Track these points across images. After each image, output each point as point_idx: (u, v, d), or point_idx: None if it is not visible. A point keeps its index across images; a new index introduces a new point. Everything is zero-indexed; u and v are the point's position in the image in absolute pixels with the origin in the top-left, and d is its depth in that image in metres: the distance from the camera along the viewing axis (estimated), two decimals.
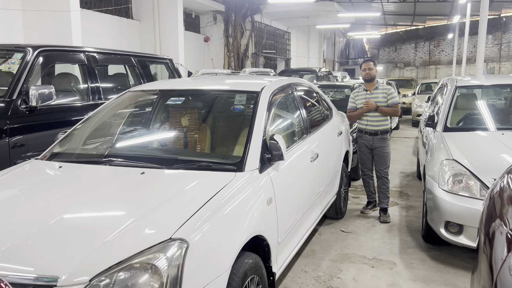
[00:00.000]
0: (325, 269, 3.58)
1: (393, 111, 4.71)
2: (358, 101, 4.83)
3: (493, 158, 3.69)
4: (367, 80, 4.79)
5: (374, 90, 4.76)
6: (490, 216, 1.87)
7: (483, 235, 1.86)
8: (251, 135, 2.70)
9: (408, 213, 5.03)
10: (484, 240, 1.80)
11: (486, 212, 1.96)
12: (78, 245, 1.80)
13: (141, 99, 3.63)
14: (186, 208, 2.00)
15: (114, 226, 1.88)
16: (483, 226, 1.92)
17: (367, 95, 4.77)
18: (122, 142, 3.15)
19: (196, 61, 13.75)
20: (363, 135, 4.85)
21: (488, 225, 1.82)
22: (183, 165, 2.53)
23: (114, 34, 10.03)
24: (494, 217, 1.80)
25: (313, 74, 12.52)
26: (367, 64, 4.77)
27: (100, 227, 1.91)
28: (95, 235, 1.84)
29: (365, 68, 4.76)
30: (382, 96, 4.73)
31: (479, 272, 1.79)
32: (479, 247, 1.91)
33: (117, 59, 5.33)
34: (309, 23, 20.50)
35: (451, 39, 26.07)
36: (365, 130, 4.80)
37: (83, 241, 1.81)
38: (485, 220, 1.91)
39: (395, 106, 4.72)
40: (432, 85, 16.35)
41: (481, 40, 8.19)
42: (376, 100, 4.71)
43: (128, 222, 1.90)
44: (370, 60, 4.86)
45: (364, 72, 4.77)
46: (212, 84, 3.70)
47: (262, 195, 2.47)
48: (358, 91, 4.91)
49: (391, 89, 4.80)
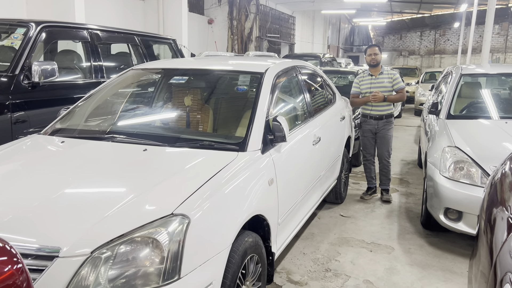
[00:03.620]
0: (324, 252, 3.61)
1: (400, 97, 4.72)
2: (362, 86, 4.83)
3: (495, 146, 3.68)
4: (372, 66, 4.78)
5: (379, 75, 4.76)
6: (491, 203, 1.87)
7: (483, 222, 1.86)
8: (254, 116, 2.69)
9: (408, 199, 5.05)
10: (485, 226, 1.80)
11: (487, 198, 1.95)
12: (80, 218, 1.81)
13: (144, 78, 3.61)
14: (188, 185, 2.00)
15: (116, 201, 1.88)
16: (483, 213, 1.91)
17: (372, 80, 4.77)
18: (125, 119, 3.14)
19: (199, 43, 13.65)
20: (367, 120, 4.87)
21: (489, 211, 1.82)
22: (186, 143, 2.53)
23: (117, 13, 9.94)
24: (496, 203, 1.80)
25: (317, 59, 12.43)
26: (372, 49, 4.78)
27: (102, 202, 1.92)
28: (97, 208, 1.85)
29: (370, 53, 4.76)
30: (387, 81, 4.72)
31: (478, 258, 1.80)
32: (479, 233, 1.91)
33: (120, 38, 5.29)
34: (315, 7, 20.26)
35: (457, 28, 25.80)
36: (370, 115, 4.82)
37: (85, 214, 1.82)
38: (486, 207, 1.90)
39: (401, 91, 4.72)
40: (436, 74, 16.23)
41: (488, 29, 8.10)
42: (381, 85, 4.71)
43: (130, 197, 1.90)
44: (375, 46, 4.87)
45: (369, 57, 4.76)
46: (216, 64, 3.68)
47: (263, 176, 2.48)
48: (362, 76, 4.89)
49: (396, 74, 4.79)
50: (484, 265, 1.62)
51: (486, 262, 1.57)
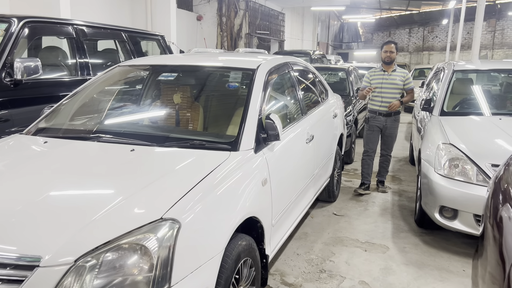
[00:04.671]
0: (318, 252, 3.54)
1: (411, 97, 4.83)
2: (373, 81, 4.86)
3: (490, 143, 3.64)
4: (386, 62, 4.80)
5: (393, 72, 4.80)
6: (497, 202, 1.81)
7: (489, 221, 1.81)
8: (246, 114, 2.59)
9: (401, 197, 5.01)
10: (492, 226, 1.75)
11: (492, 197, 1.91)
12: (64, 223, 1.70)
13: (131, 75, 3.49)
14: (178, 187, 1.90)
15: (102, 205, 1.78)
16: (489, 212, 1.86)
17: (384, 76, 4.81)
18: (111, 118, 3.02)
19: (188, 40, 13.49)
20: (376, 116, 4.89)
21: (495, 211, 1.77)
22: (176, 143, 2.42)
23: (104, 9, 9.75)
24: (502, 202, 1.75)
25: (307, 56, 12.36)
26: (389, 46, 4.79)
27: (87, 205, 1.80)
28: (81, 213, 1.74)
29: (386, 50, 4.78)
30: (399, 79, 4.78)
31: (484, 258, 1.75)
32: (484, 233, 1.86)
33: (107, 34, 5.14)
34: (304, 4, 20.20)
35: (445, 25, 25.95)
36: (379, 111, 4.84)
37: (69, 220, 1.71)
38: (492, 206, 1.86)
39: (411, 92, 4.84)
40: (425, 70, 16.29)
41: (478, 25, 8.09)
42: (393, 82, 4.77)
43: (117, 200, 1.80)
44: (392, 43, 4.87)
45: (385, 53, 4.78)
46: (206, 60, 3.57)
47: (256, 176, 2.39)
48: (374, 71, 4.93)
49: (408, 74, 4.85)
50: (492, 265, 1.57)
51: (495, 263, 1.52)
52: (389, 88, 4.80)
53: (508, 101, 4.60)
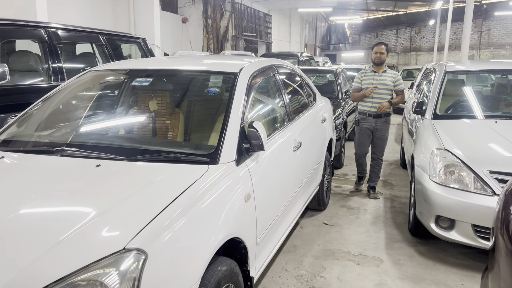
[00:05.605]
0: (308, 267, 3.32)
1: (401, 99, 4.83)
2: (364, 82, 4.85)
3: (487, 148, 3.45)
4: (376, 64, 4.83)
5: (383, 73, 4.83)
6: (509, 214, 1.72)
7: (501, 235, 1.71)
8: (227, 122, 2.37)
9: (393, 203, 4.82)
10: (504, 239, 1.66)
11: (503, 210, 1.80)
12: (8, 258, 1.45)
13: (105, 80, 3.24)
14: (146, 211, 1.66)
15: (56, 234, 1.53)
16: (500, 225, 1.76)
17: (375, 77, 4.81)
18: (79, 129, 2.75)
19: (173, 42, 13.21)
20: (366, 118, 4.87)
21: (507, 223, 1.68)
22: (148, 157, 2.17)
23: (85, 12, 9.44)
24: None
25: (294, 58, 12.18)
26: (379, 48, 4.81)
27: (38, 235, 1.55)
28: (30, 244, 1.50)
29: (377, 52, 4.79)
30: (390, 80, 4.79)
31: (497, 273, 1.68)
32: (496, 246, 1.77)
33: (82, 37, 4.88)
34: (291, 5, 20.03)
35: (432, 25, 26.03)
36: (369, 112, 4.82)
37: (13, 253, 1.46)
38: (503, 219, 1.76)
39: (401, 93, 4.83)
40: (414, 71, 16.25)
41: (467, 25, 7.98)
42: (384, 82, 4.77)
43: (73, 229, 1.55)
44: (382, 44, 4.89)
45: (375, 55, 4.80)
46: (185, 64, 3.33)
47: (238, 191, 2.16)
48: (365, 72, 4.93)
49: (398, 75, 4.88)
50: (507, 281, 1.52)
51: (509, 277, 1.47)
52: (380, 89, 4.78)
53: (502, 102, 4.44)
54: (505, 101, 4.45)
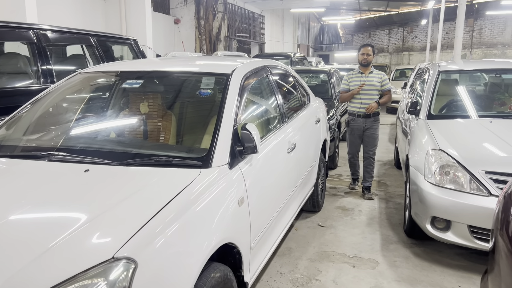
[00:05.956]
0: (303, 270, 3.28)
1: (388, 99, 4.93)
2: (352, 83, 4.92)
3: (482, 148, 3.43)
4: (363, 65, 4.90)
5: (370, 74, 4.91)
6: (507, 215, 1.73)
7: (501, 236, 1.72)
8: (219, 125, 2.32)
9: (388, 204, 4.79)
10: (504, 241, 1.66)
11: (503, 211, 1.80)
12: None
13: (95, 82, 3.17)
14: (135, 217, 1.60)
15: (42, 242, 1.47)
16: (500, 226, 1.76)
17: (362, 78, 4.89)
18: (68, 132, 2.68)
19: (166, 44, 13.13)
20: (355, 118, 4.96)
21: (507, 225, 1.68)
22: (138, 161, 2.11)
23: (76, 13, 9.34)
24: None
25: (287, 59, 12.16)
26: (366, 49, 4.88)
27: (22, 245, 1.49)
28: (15, 254, 1.44)
29: (363, 53, 4.87)
30: (377, 80, 4.88)
31: (497, 274, 1.69)
32: (495, 248, 1.77)
33: (72, 39, 4.80)
34: (283, 6, 20.02)
35: (424, 25, 26.14)
36: (358, 113, 4.90)
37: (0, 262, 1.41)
38: (503, 220, 1.76)
39: (388, 92, 4.92)
40: (406, 71, 16.29)
41: (460, 25, 7.99)
42: (371, 83, 4.85)
43: (61, 237, 1.49)
44: (368, 45, 4.98)
45: (362, 56, 4.88)
46: (177, 65, 3.28)
47: (232, 195, 2.11)
48: (352, 74, 5.00)
49: (385, 75, 4.97)
50: (507, 282, 1.53)
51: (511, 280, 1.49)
52: (368, 89, 4.88)
53: (496, 102, 4.43)
54: (499, 100, 4.44)
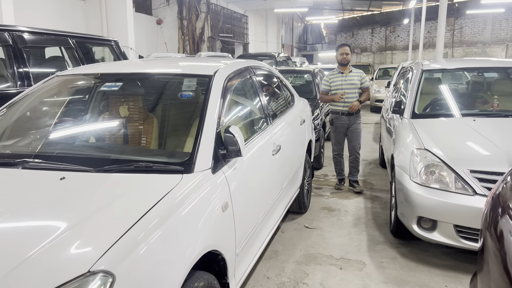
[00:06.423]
0: (290, 273, 3.23)
1: (367, 96, 5.06)
2: (333, 84, 5.02)
3: (467, 147, 3.43)
4: (343, 64, 4.99)
5: (350, 73, 5.01)
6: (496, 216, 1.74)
7: (489, 235, 1.74)
8: (202, 128, 2.25)
9: (374, 204, 4.78)
10: (492, 240, 1.68)
11: (491, 211, 1.82)
12: None
13: (73, 85, 3.07)
14: (114, 227, 1.53)
15: (11, 258, 1.39)
16: (488, 226, 1.79)
17: (343, 78, 4.99)
18: (44, 138, 2.57)
19: (148, 45, 12.98)
20: (339, 116, 5.07)
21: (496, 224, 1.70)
22: (117, 167, 2.03)
23: (54, 14, 9.14)
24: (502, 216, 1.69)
25: (272, 59, 12.14)
26: (344, 49, 4.98)
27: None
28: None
29: (342, 53, 4.96)
30: (357, 79, 5.00)
31: (486, 274, 1.73)
32: (484, 248, 1.80)
33: (50, 40, 4.67)
34: (267, 6, 19.99)
35: (406, 24, 26.41)
36: (342, 111, 5.02)
37: None
38: (491, 219, 1.78)
39: (367, 90, 5.06)
40: (389, 70, 16.42)
41: (441, 24, 8.06)
42: (352, 82, 4.98)
43: (33, 251, 1.41)
44: (346, 45, 5.07)
45: (341, 56, 4.96)
46: (157, 67, 3.20)
47: (216, 201, 2.05)
48: (333, 74, 5.08)
49: (363, 73, 5.10)
50: (497, 281, 1.56)
51: (501, 278, 1.50)
52: (349, 88, 4.99)
53: (478, 100, 4.45)
54: (482, 98, 4.46)
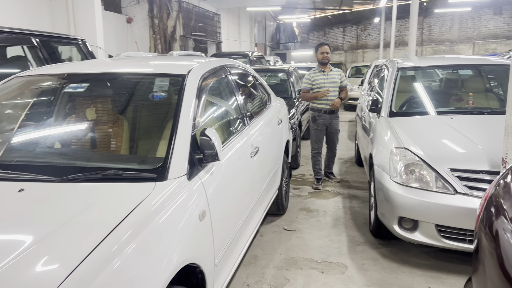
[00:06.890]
0: (270, 279, 3.12)
1: (346, 94, 5.25)
2: (315, 82, 5.12)
3: (446, 145, 3.40)
4: (323, 63, 5.12)
5: (330, 72, 5.17)
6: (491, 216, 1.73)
7: (485, 236, 1.73)
8: (175, 131, 2.11)
9: (352, 203, 4.73)
10: (488, 241, 1.69)
11: (486, 212, 1.80)
12: None
13: (35, 86, 2.85)
14: (76, 248, 1.37)
15: None
16: (483, 227, 1.77)
17: (325, 76, 5.13)
18: (2, 145, 2.37)
19: (118, 44, 12.60)
20: (322, 114, 5.17)
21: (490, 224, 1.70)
22: (83, 176, 1.86)
23: (18, 13, 8.71)
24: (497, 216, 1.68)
25: (245, 58, 12.01)
26: (324, 48, 5.11)
27: None
28: None
29: (323, 52, 5.09)
30: (337, 78, 5.17)
31: (482, 274, 1.73)
32: (480, 248, 1.78)
33: (11, 39, 4.39)
34: (239, 4, 19.83)
35: (377, 23, 26.73)
36: (325, 109, 5.14)
37: None
38: (486, 220, 1.76)
39: (345, 89, 5.25)
40: (362, 68, 16.58)
41: (413, 22, 8.13)
42: (333, 80, 5.14)
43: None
44: (326, 44, 5.20)
45: (321, 55, 5.09)
46: (127, 66, 3.02)
47: (192, 210, 1.91)
48: (314, 72, 5.20)
49: (342, 72, 5.31)
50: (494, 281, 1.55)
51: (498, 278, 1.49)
52: (331, 86, 5.11)
53: (453, 97, 4.46)
54: (456, 96, 4.47)
